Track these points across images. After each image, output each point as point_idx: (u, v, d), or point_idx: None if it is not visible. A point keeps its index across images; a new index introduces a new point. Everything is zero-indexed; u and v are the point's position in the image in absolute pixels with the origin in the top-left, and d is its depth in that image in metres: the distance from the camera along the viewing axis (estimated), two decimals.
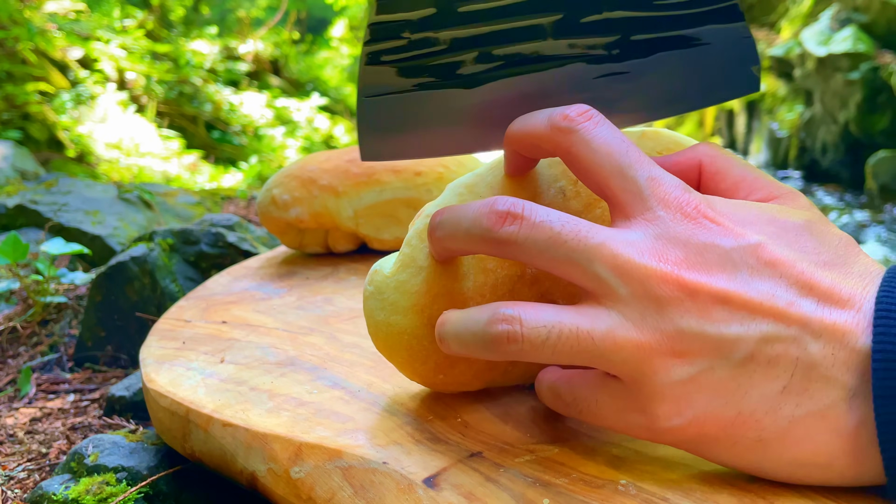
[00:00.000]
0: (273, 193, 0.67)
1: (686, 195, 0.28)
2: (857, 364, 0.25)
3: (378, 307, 0.33)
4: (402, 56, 0.33)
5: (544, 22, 0.33)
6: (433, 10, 0.32)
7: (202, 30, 5.85)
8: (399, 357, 0.34)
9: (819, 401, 0.25)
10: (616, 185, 0.28)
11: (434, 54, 0.33)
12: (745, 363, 0.26)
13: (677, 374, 0.26)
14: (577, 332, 0.27)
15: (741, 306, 0.26)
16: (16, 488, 0.48)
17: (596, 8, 0.33)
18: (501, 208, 0.28)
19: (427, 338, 0.33)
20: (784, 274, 0.26)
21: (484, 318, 0.28)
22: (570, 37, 0.33)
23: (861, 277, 0.27)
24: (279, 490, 0.33)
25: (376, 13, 0.32)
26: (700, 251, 0.26)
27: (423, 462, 0.30)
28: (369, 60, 0.33)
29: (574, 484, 0.28)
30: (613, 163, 0.28)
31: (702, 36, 0.33)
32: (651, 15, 0.33)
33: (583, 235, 0.27)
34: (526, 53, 0.33)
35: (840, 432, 0.25)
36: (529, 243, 0.27)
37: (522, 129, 0.30)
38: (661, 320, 0.26)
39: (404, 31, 0.32)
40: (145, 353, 0.47)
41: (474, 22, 0.32)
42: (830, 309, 0.26)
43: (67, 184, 1.53)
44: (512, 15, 0.32)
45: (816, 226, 0.28)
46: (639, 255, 0.26)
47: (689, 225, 0.27)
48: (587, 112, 0.29)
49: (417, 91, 0.33)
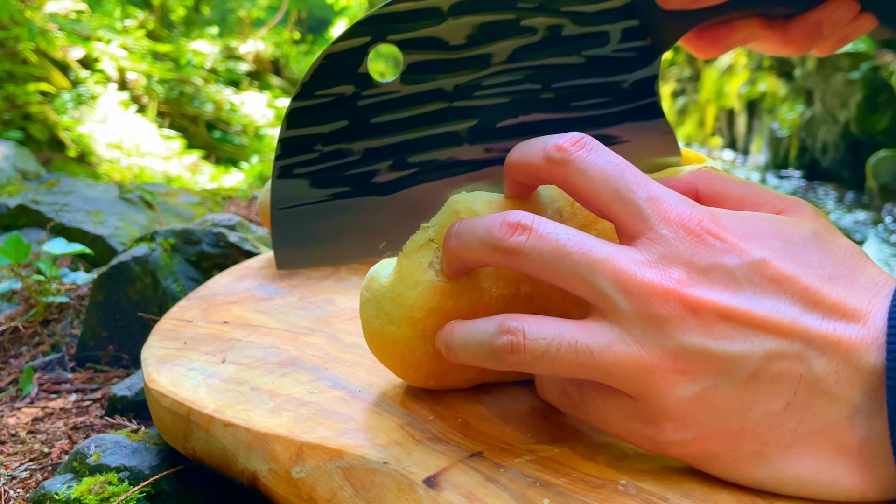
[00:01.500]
0: None
1: (689, 211, 0.28)
2: (862, 381, 0.25)
3: (374, 314, 0.34)
4: (315, 168, 0.33)
5: (459, 129, 0.33)
6: (345, 123, 0.32)
7: (203, 30, 5.86)
8: (392, 363, 0.35)
9: (822, 418, 0.25)
10: (617, 209, 0.28)
11: (348, 165, 0.33)
12: (749, 380, 0.26)
13: (682, 393, 0.26)
14: (575, 345, 0.27)
15: (745, 322, 0.26)
16: (18, 488, 0.48)
17: (511, 112, 0.33)
18: (513, 220, 0.28)
19: (420, 349, 0.34)
20: (789, 289, 0.26)
21: (490, 328, 0.29)
22: (486, 142, 0.33)
23: (868, 290, 0.26)
24: (280, 490, 0.33)
25: (287, 129, 0.32)
26: (703, 269, 0.26)
27: (424, 462, 0.30)
28: (281, 174, 0.33)
29: (574, 484, 0.28)
30: (611, 188, 0.28)
31: (621, 134, 0.34)
32: (568, 116, 0.33)
33: (587, 249, 0.27)
34: (442, 159, 0.33)
35: (842, 450, 0.25)
36: (535, 254, 0.28)
37: (520, 159, 0.30)
38: (663, 337, 0.26)
39: (316, 144, 0.33)
40: (147, 353, 0.47)
41: (388, 132, 0.32)
42: (836, 323, 0.25)
43: (69, 184, 1.53)
44: (426, 124, 0.32)
45: (823, 237, 0.28)
46: (641, 271, 0.26)
47: (692, 242, 0.27)
48: (580, 140, 0.29)
49: (332, 201, 0.33)
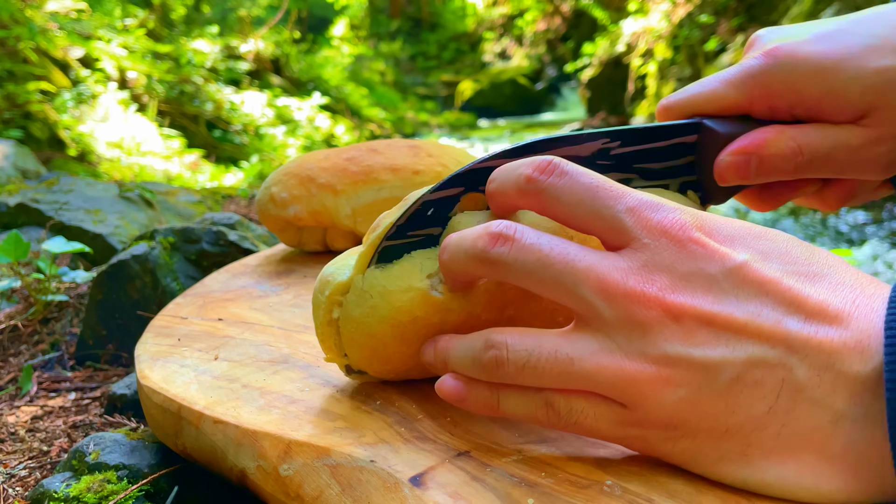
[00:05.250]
0: (272, 191, 0.67)
1: (670, 217, 0.27)
2: (846, 387, 0.25)
3: (355, 303, 0.34)
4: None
5: None
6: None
7: (203, 29, 5.85)
8: (360, 353, 0.35)
9: (805, 422, 0.25)
10: (598, 226, 0.28)
11: None
12: (731, 385, 0.26)
13: (666, 398, 0.26)
14: (555, 355, 0.27)
15: (726, 328, 0.26)
16: (17, 486, 0.48)
17: None
18: (495, 230, 0.29)
19: (393, 347, 0.34)
20: (770, 292, 0.26)
21: (478, 345, 0.29)
22: None
23: (852, 289, 0.26)
24: (268, 487, 0.33)
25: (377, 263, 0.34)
26: (685, 275, 0.27)
27: (411, 461, 0.30)
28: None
29: (560, 484, 0.28)
30: (587, 209, 0.28)
31: None
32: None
33: (570, 258, 0.27)
34: None
35: (826, 454, 0.25)
36: (518, 265, 0.28)
37: (497, 190, 0.31)
38: (646, 345, 0.26)
39: None
40: (140, 349, 0.47)
41: None
42: (817, 326, 0.25)
43: (69, 183, 1.53)
44: None
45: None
46: (623, 279, 0.27)
47: (674, 250, 0.27)
48: (548, 167, 0.29)
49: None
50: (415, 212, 0.34)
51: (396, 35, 11.29)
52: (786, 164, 0.37)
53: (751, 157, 0.37)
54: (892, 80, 0.35)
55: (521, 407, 0.29)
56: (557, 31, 9.27)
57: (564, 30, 9.11)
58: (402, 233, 0.34)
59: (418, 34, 11.49)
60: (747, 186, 0.40)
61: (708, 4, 5.08)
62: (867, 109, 0.36)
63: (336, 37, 9.69)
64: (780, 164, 0.37)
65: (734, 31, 4.78)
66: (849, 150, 0.37)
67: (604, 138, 0.36)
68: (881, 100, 0.36)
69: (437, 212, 0.34)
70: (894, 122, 0.36)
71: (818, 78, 0.36)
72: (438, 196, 0.34)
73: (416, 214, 0.34)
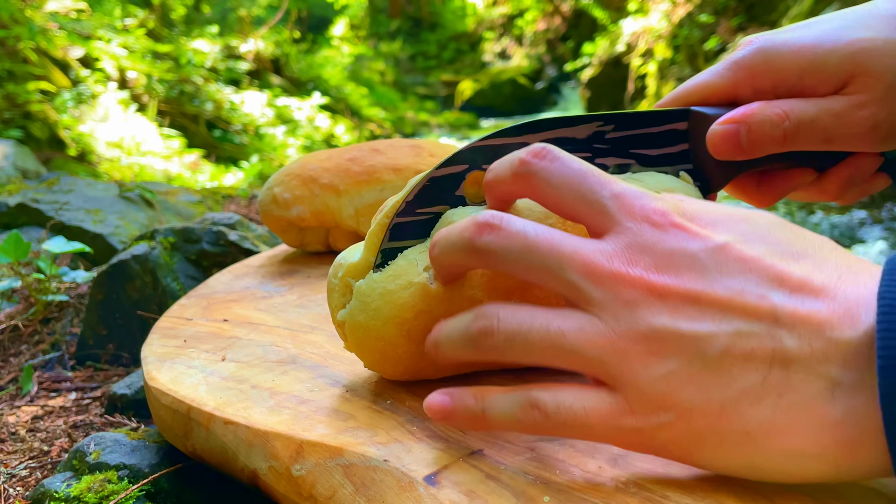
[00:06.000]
0: (274, 192, 0.67)
1: (653, 204, 0.28)
2: (838, 354, 0.25)
3: (359, 308, 0.34)
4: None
5: None
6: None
7: (203, 29, 5.86)
8: (371, 357, 0.36)
9: (801, 392, 0.25)
10: (583, 210, 0.29)
11: None
12: (721, 358, 0.26)
13: (656, 371, 0.26)
14: (546, 327, 0.28)
15: (711, 304, 0.26)
16: (18, 486, 0.48)
17: None
18: (481, 220, 0.30)
19: (402, 346, 0.34)
20: (754, 269, 0.26)
21: (469, 316, 0.30)
22: None
23: (837, 268, 0.26)
24: (280, 488, 0.33)
25: (388, 240, 0.35)
26: (668, 255, 0.27)
27: (424, 459, 0.30)
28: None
29: (575, 481, 0.28)
30: (574, 192, 0.29)
31: None
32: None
33: (556, 243, 0.28)
34: None
35: (825, 423, 0.25)
36: (505, 252, 0.29)
37: (493, 177, 0.32)
38: (634, 320, 0.27)
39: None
40: (147, 351, 0.47)
41: None
42: (803, 299, 0.25)
43: (69, 182, 1.53)
44: None
45: (791, 223, 0.29)
46: (608, 261, 0.27)
47: (656, 232, 0.28)
48: (541, 151, 0.30)
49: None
50: (423, 188, 0.35)
51: (396, 35, 11.31)
52: (774, 131, 0.39)
53: (740, 125, 0.39)
54: (866, 49, 0.38)
55: (507, 410, 0.29)
56: (557, 30, 9.28)
57: (564, 29, 9.12)
58: (411, 209, 0.35)
59: (418, 34, 11.50)
60: (744, 169, 0.41)
61: (708, 4, 5.09)
62: (846, 79, 0.39)
63: (336, 37, 9.71)
64: (769, 130, 0.39)
65: (734, 31, 4.78)
66: (833, 115, 0.39)
67: (598, 121, 0.38)
68: (858, 68, 0.38)
69: (444, 189, 0.35)
70: (873, 87, 0.38)
71: (797, 56, 0.39)
72: (444, 172, 0.35)
73: (424, 191, 0.35)
